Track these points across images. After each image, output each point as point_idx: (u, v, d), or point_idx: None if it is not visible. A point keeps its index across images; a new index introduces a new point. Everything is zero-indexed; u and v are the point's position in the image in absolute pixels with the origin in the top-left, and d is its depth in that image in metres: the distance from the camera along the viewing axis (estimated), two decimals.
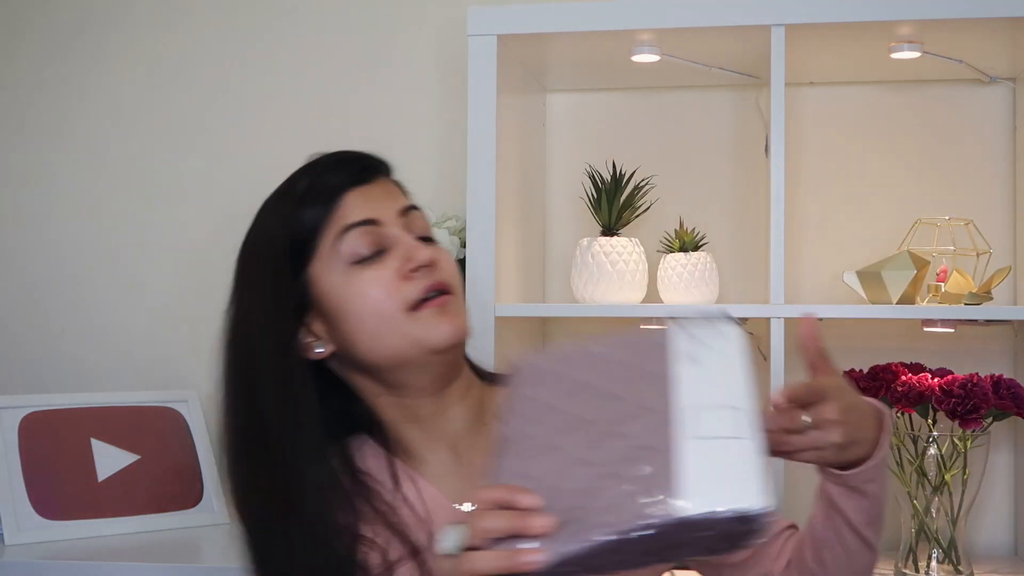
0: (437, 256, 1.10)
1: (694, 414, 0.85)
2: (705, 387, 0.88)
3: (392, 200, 1.13)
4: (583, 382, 0.91)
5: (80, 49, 2.08)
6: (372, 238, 1.09)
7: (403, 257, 1.08)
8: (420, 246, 1.09)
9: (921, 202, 1.82)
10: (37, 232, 2.08)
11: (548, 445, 0.87)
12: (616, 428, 0.86)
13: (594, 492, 0.82)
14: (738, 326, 0.94)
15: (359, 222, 1.09)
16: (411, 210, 1.13)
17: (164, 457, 1.87)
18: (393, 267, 1.08)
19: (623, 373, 0.91)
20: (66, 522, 1.74)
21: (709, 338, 0.92)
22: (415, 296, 1.07)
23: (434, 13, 1.96)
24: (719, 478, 0.80)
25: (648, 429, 0.85)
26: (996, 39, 1.62)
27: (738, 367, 0.91)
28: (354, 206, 1.10)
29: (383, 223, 1.10)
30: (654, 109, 1.92)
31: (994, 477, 1.78)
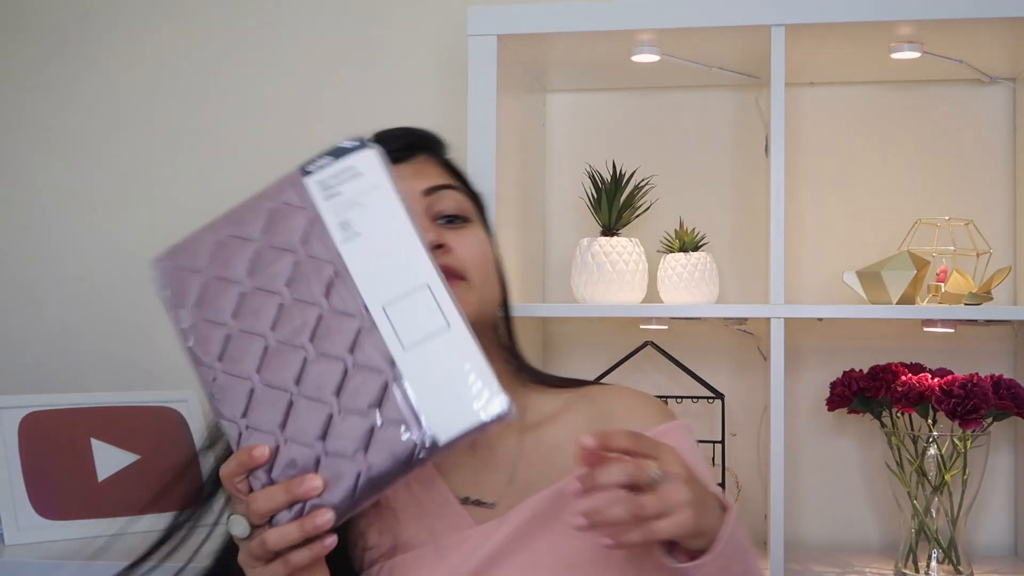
0: (445, 240, 1.08)
1: (393, 314, 0.85)
2: (382, 267, 0.86)
3: (420, 179, 1.12)
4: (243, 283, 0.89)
5: (73, 48, 2.08)
6: None
7: None
8: (429, 230, 1.07)
9: (921, 202, 1.82)
10: (37, 232, 2.08)
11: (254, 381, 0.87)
12: (315, 344, 0.85)
13: (339, 434, 0.84)
14: (371, 148, 0.89)
15: None
16: (438, 190, 1.12)
17: (164, 457, 1.87)
18: None
19: (282, 264, 0.87)
20: (66, 522, 1.74)
21: (350, 187, 0.88)
22: None
23: (434, 13, 1.96)
24: (454, 392, 0.82)
25: (350, 341, 0.85)
26: (996, 39, 1.62)
27: (399, 218, 0.87)
28: None
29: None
30: (654, 109, 1.92)
31: (994, 477, 1.78)
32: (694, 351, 1.83)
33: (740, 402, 1.85)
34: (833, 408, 1.68)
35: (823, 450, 1.85)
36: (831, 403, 1.68)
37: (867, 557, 1.74)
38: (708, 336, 1.85)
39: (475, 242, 1.11)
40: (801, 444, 1.84)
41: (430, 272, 0.85)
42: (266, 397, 0.86)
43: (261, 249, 0.88)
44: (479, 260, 1.10)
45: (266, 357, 0.86)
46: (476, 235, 1.12)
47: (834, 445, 1.85)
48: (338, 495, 0.84)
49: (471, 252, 1.10)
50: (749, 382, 1.84)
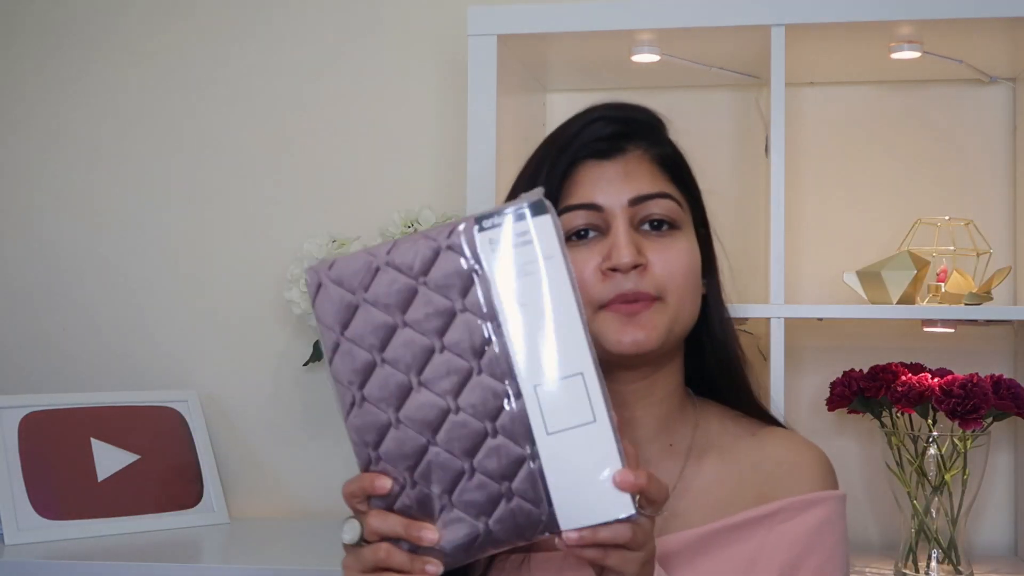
0: (643, 260, 1.02)
1: (543, 396, 0.83)
2: (540, 345, 0.83)
3: (628, 184, 1.05)
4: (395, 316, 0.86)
5: (74, 48, 2.08)
6: (590, 220, 1.04)
7: (606, 252, 1.03)
8: (627, 247, 1.01)
9: (921, 202, 1.82)
10: (37, 232, 2.08)
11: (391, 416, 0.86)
12: (459, 400, 0.84)
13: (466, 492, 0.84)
14: (549, 213, 0.84)
15: (579, 205, 1.04)
16: (648, 199, 1.05)
17: (164, 457, 1.87)
18: (598, 256, 1.03)
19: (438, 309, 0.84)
20: (66, 522, 1.74)
21: (522, 254, 0.83)
22: (605, 298, 1.02)
23: (434, 13, 1.96)
24: (586, 486, 0.82)
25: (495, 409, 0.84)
26: (996, 39, 1.62)
27: (566, 297, 0.83)
28: (583, 184, 1.05)
29: (607, 210, 1.04)
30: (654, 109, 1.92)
31: (994, 477, 1.78)
32: None
33: None
34: (833, 408, 1.68)
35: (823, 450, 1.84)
36: (831, 403, 1.68)
37: (867, 557, 1.74)
38: None
39: (679, 256, 1.05)
40: None
41: (586, 359, 0.83)
42: (401, 435, 0.85)
43: (420, 288, 0.85)
44: (680, 276, 1.04)
45: (408, 397, 0.85)
46: (681, 246, 1.05)
47: (834, 445, 1.85)
48: (451, 546, 0.84)
49: (672, 268, 1.04)
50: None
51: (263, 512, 1.98)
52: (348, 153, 1.99)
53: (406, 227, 1.75)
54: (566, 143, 1.07)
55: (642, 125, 1.09)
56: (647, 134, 1.09)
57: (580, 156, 1.06)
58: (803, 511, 1.05)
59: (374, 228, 1.85)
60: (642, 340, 1.02)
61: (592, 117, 1.08)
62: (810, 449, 1.12)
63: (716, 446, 1.11)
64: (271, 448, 1.99)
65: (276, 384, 2.00)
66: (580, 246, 1.04)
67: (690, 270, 1.06)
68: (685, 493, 1.08)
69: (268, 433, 2.00)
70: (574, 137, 1.07)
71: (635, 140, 1.08)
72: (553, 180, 1.05)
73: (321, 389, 1.98)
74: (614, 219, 1.04)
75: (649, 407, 1.10)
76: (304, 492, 1.97)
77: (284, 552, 1.73)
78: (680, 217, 1.07)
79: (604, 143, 1.06)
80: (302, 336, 1.97)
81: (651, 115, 1.12)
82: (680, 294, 1.04)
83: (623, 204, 1.04)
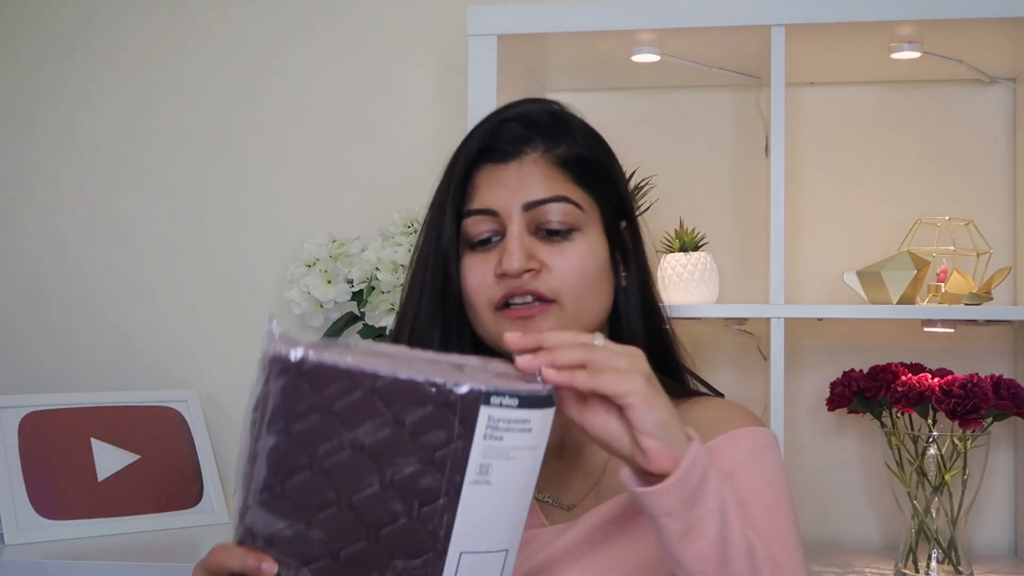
0: (535, 265, 1.04)
1: (464, 563, 0.82)
2: (485, 519, 0.82)
3: (524, 188, 1.06)
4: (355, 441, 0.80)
5: (86, 50, 2.08)
6: (489, 225, 1.06)
7: (500, 258, 1.05)
8: (518, 252, 1.03)
9: (921, 202, 1.82)
10: (38, 232, 2.08)
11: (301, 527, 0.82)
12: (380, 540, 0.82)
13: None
14: (551, 407, 0.82)
15: (477, 210, 1.07)
16: (543, 203, 1.05)
17: (164, 457, 1.87)
18: (495, 260, 1.05)
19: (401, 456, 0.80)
20: (66, 522, 1.74)
21: (513, 439, 0.81)
22: (496, 297, 1.05)
23: (434, 13, 1.96)
24: None
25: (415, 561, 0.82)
26: (996, 39, 1.62)
27: (528, 485, 0.83)
28: (480, 189, 1.07)
29: (502, 215, 1.06)
30: (654, 109, 1.92)
31: (994, 477, 1.78)
32: (694, 351, 1.82)
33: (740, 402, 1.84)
34: (833, 408, 1.68)
35: (823, 450, 1.85)
36: (831, 403, 1.68)
37: (867, 557, 1.74)
38: (708, 336, 1.85)
39: (574, 259, 1.05)
40: (801, 444, 1.84)
41: (516, 539, 0.84)
42: (305, 537, 0.82)
43: (393, 426, 0.80)
44: (574, 280, 1.05)
45: (328, 517, 0.82)
46: (577, 249, 1.06)
47: (834, 445, 1.85)
48: None
49: (565, 273, 1.05)
50: (749, 382, 1.83)
51: None
52: (348, 153, 1.99)
53: (406, 227, 1.76)
54: (470, 148, 1.09)
55: (542, 125, 1.09)
56: (548, 134, 1.09)
57: (480, 161, 1.08)
58: (731, 445, 1.03)
59: (374, 228, 1.85)
60: None
61: (495, 121, 1.09)
62: (732, 406, 1.12)
63: None
64: None
65: None
66: (481, 252, 1.07)
67: (589, 271, 1.06)
68: (615, 471, 1.07)
69: None
70: (478, 142, 1.09)
71: (534, 142, 1.08)
72: (457, 187, 1.08)
73: None
74: (510, 223, 1.05)
75: None
76: None
77: None
78: (578, 219, 1.07)
79: (504, 145, 1.08)
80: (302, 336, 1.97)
81: (556, 114, 1.11)
82: (577, 297, 1.05)
83: (518, 209, 1.05)
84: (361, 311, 1.79)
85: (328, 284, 1.77)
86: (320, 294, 1.76)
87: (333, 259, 1.78)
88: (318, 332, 1.88)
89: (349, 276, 1.76)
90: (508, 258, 1.04)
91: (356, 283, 1.76)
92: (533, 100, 1.13)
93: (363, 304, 1.78)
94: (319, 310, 1.79)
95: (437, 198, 1.11)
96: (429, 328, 1.08)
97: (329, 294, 1.76)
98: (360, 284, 1.76)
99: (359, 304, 1.79)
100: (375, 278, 1.75)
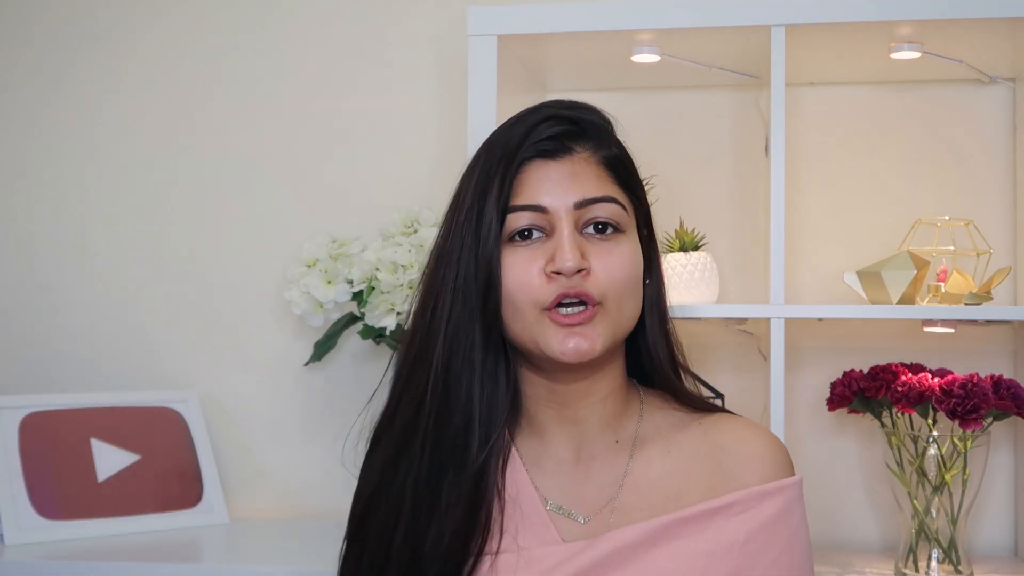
0: (587, 265, 1.03)
1: None
2: None
3: (575, 186, 1.05)
4: None
5: (89, 51, 2.08)
6: (535, 221, 1.04)
7: (551, 255, 1.03)
8: (572, 251, 1.02)
9: (921, 202, 1.82)
10: (36, 232, 2.08)
11: None
12: None
13: None
14: None
15: (525, 206, 1.04)
16: (593, 203, 1.05)
17: (164, 457, 1.87)
18: (542, 259, 1.03)
19: None
20: (66, 522, 1.74)
21: None
22: (548, 299, 1.02)
23: (434, 13, 1.96)
24: None
25: None
26: (996, 39, 1.62)
27: None
28: (529, 184, 1.05)
29: (552, 212, 1.04)
30: (654, 109, 1.92)
31: (994, 477, 1.78)
32: (694, 351, 1.82)
33: (740, 402, 1.85)
34: (833, 408, 1.68)
35: (823, 450, 1.85)
36: (831, 403, 1.68)
37: (867, 557, 1.74)
38: (708, 336, 1.85)
39: (621, 260, 1.05)
40: (801, 444, 1.84)
41: None
42: None
43: None
44: (621, 281, 1.05)
45: None
46: (624, 251, 1.06)
47: (834, 445, 1.85)
48: None
49: (613, 273, 1.04)
50: (749, 382, 1.83)
51: (263, 512, 1.98)
52: (348, 153, 1.99)
53: (406, 227, 1.76)
54: (515, 142, 1.06)
55: (590, 125, 1.09)
56: (595, 135, 1.09)
57: (527, 156, 1.06)
58: (758, 503, 1.05)
59: (374, 228, 1.85)
60: (585, 349, 1.03)
61: (541, 116, 1.07)
62: (758, 435, 1.10)
63: (663, 438, 1.11)
64: (271, 448, 1.99)
65: (276, 384, 2.00)
66: (523, 247, 1.04)
67: (632, 274, 1.06)
68: (633, 487, 1.08)
69: (268, 433, 2.00)
70: (523, 137, 1.06)
71: (583, 141, 1.08)
72: (505, 181, 1.04)
73: (321, 389, 1.98)
74: (559, 221, 1.04)
75: (592, 405, 1.10)
76: (304, 492, 1.97)
77: (284, 552, 1.73)
78: (624, 221, 1.07)
79: (551, 143, 1.06)
80: (302, 336, 1.97)
81: (599, 115, 1.11)
82: (620, 299, 1.05)
83: (568, 207, 1.04)
84: (361, 311, 1.79)
85: (328, 284, 1.77)
86: (320, 294, 1.76)
87: (333, 259, 1.78)
88: (318, 332, 1.89)
89: (349, 276, 1.76)
90: (562, 256, 1.02)
91: (356, 283, 1.76)
92: (570, 102, 1.11)
93: (363, 304, 1.77)
94: (319, 310, 1.79)
95: (476, 190, 1.06)
96: (468, 329, 1.05)
97: (329, 294, 1.76)
98: (360, 284, 1.76)
99: (359, 304, 1.79)
100: (375, 278, 1.75)
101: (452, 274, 1.06)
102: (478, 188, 1.06)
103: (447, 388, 1.05)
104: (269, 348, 2.00)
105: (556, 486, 1.09)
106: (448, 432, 1.05)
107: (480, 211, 1.05)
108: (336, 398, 1.96)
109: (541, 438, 1.12)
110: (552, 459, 1.11)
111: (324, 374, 1.98)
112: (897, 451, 1.64)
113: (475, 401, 1.05)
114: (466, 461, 1.04)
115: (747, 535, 1.02)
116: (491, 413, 1.05)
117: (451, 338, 1.05)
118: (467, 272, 1.04)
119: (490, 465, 1.06)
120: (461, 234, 1.06)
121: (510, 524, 1.06)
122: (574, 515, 1.08)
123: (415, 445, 1.06)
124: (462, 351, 1.05)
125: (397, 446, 1.08)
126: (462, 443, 1.05)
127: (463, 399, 1.05)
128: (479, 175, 1.06)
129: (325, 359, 1.89)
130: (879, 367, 1.65)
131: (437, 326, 1.06)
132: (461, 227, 1.06)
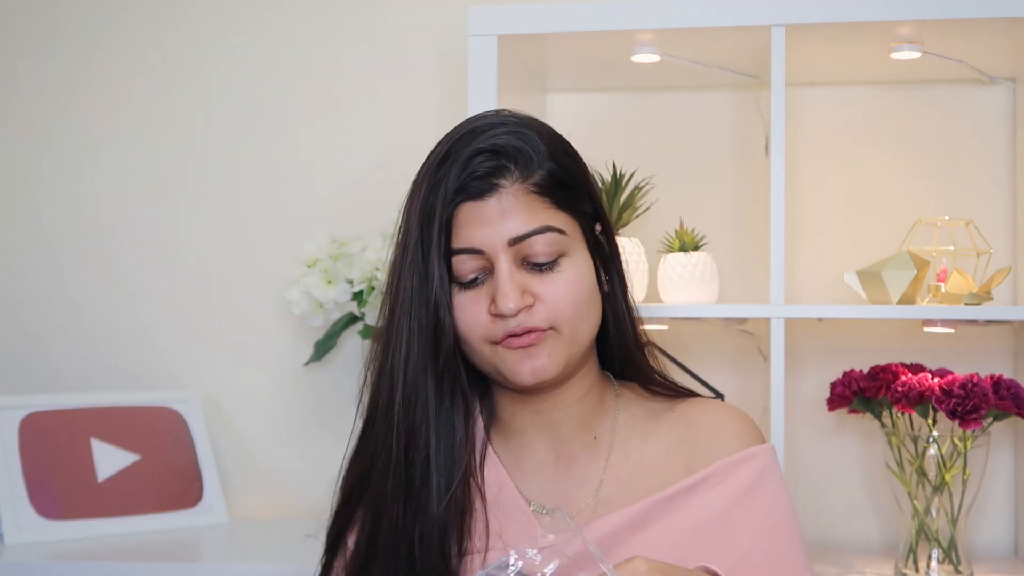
0: (529, 300, 1.02)
1: None
2: None
3: (507, 223, 1.03)
4: None
5: (82, 50, 2.08)
6: (474, 264, 1.03)
7: (493, 297, 1.03)
8: (511, 293, 1.01)
9: (921, 202, 1.82)
10: (37, 232, 2.08)
11: None
12: None
13: None
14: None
15: (461, 250, 1.03)
16: (527, 237, 1.03)
17: (164, 457, 1.87)
18: (486, 298, 1.03)
19: None
20: (66, 522, 1.74)
21: None
22: (496, 335, 1.03)
23: (434, 13, 1.96)
24: None
25: None
26: (996, 39, 1.62)
27: None
28: (463, 227, 1.03)
29: (488, 253, 1.03)
30: (654, 109, 1.92)
31: (994, 477, 1.78)
32: (694, 351, 1.83)
33: (740, 402, 1.84)
34: (833, 408, 1.68)
35: (823, 450, 1.85)
36: (831, 403, 1.68)
37: (867, 557, 1.74)
38: (708, 336, 1.85)
39: (566, 287, 1.04)
40: (801, 444, 1.84)
41: None
42: None
43: None
44: (569, 306, 1.04)
45: None
46: (568, 276, 1.04)
47: (834, 445, 1.85)
48: None
49: (560, 301, 1.03)
50: (749, 382, 1.84)
51: (263, 512, 1.98)
52: (348, 153, 1.99)
53: None
54: (449, 186, 1.03)
55: (514, 151, 1.04)
56: (521, 161, 1.04)
57: (459, 200, 1.03)
58: (733, 472, 1.06)
59: (374, 228, 1.85)
60: (540, 368, 1.03)
61: (469, 152, 1.04)
62: (729, 411, 1.12)
63: (639, 429, 1.12)
64: (271, 448, 1.99)
65: (276, 384, 2.00)
66: (470, 290, 1.04)
67: (581, 295, 1.05)
68: (615, 481, 1.09)
69: (268, 433, 2.00)
70: (455, 178, 1.04)
71: (508, 173, 1.04)
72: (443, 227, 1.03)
73: (321, 389, 1.98)
74: (497, 261, 1.03)
75: (567, 407, 1.11)
76: (304, 492, 1.97)
77: (284, 552, 1.73)
78: (564, 243, 1.05)
79: (478, 183, 1.03)
80: (302, 336, 1.97)
81: (523, 131, 1.06)
82: (572, 322, 1.04)
83: (503, 244, 1.03)
84: (361, 311, 1.79)
85: (328, 284, 1.77)
86: (320, 294, 1.76)
87: (333, 259, 1.78)
88: (318, 332, 1.89)
89: (349, 276, 1.76)
90: (502, 299, 1.01)
91: (356, 283, 1.76)
92: (496, 122, 1.07)
93: (363, 304, 1.78)
94: (319, 310, 1.79)
95: (415, 239, 1.05)
96: (422, 379, 1.06)
97: (329, 294, 1.76)
98: (360, 284, 1.76)
99: (359, 304, 1.79)
100: (375, 278, 1.75)
101: (406, 319, 1.06)
102: (419, 229, 1.05)
103: (408, 442, 1.07)
104: (269, 348, 2.00)
105: (538, 488, 1.11)
106: (413, 486, 1.06)
107: (425, 255, 1.04)
108: (336, 398, 1.96)
109: (519, 441, 1.13)
110: (532, 461, 1.12)
111: (324, 374, 1.98)
112: (897, 451, 1.64)
113: (432, 452, 1.06)
114: (430, 509, 1.06)
115: (728, 504, 1.04)
116: (448, 462, 1.06)
117: (409, 391, 1.06)
118: (419, 317, 1.05)
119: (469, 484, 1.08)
120: (411, 275, 1.05)
121: (494, 524, 1.07)
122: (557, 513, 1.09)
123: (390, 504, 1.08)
124: (419, 403, 1.06)
125: (376, 503, 1.10)
126: (426, 494, 1.06)
127: (422, 448, 1.06)
128: (420, 216, 1.05)
129: (325, 359, 1.90)
130: (879, 367, 1.65)
131: (396, 377, 1.07)
132: (409, 267, 1.06)
